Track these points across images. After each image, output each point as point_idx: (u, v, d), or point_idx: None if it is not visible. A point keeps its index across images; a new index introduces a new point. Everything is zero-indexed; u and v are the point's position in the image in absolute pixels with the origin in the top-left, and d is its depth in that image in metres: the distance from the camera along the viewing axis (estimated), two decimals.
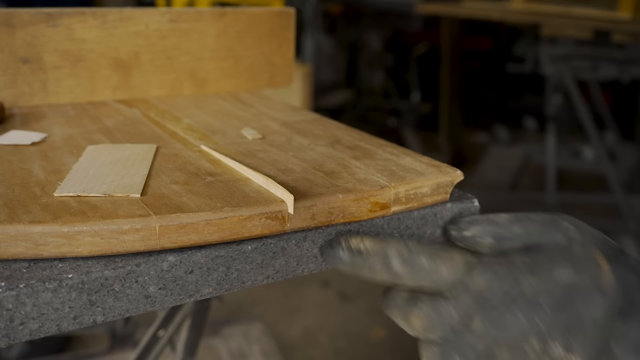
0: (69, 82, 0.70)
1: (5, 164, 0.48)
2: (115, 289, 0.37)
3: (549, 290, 0.36)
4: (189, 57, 0.76)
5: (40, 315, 0.35)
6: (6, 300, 0.34)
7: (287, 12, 0.82)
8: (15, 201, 0.40)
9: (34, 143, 0.54)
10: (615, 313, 0.36)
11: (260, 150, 0.54)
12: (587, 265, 0.37)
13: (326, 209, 0.43)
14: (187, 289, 0.39)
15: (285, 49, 0.83)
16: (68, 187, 0.42)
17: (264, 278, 0.42)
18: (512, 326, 0.35)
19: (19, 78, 0.67)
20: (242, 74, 0.81)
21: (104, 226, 0.37)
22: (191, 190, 0.43)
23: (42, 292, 0.35)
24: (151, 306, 0.38)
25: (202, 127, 0.62)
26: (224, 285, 0.40)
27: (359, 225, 0.45)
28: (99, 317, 0.37)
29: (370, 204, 0.44)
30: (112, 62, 0.72)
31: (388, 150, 0.54)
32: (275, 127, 0.62)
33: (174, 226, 0.38)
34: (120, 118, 0.64)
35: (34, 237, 0.36)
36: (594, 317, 0.36)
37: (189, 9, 0.76)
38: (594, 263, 0.38)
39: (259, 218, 0.40)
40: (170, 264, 0.38)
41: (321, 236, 0.43)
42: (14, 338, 0.34)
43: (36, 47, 0.67)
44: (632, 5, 2.18)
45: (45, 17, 0.67)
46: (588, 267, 0.37)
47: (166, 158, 0.51)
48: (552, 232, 0.40)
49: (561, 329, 0.35)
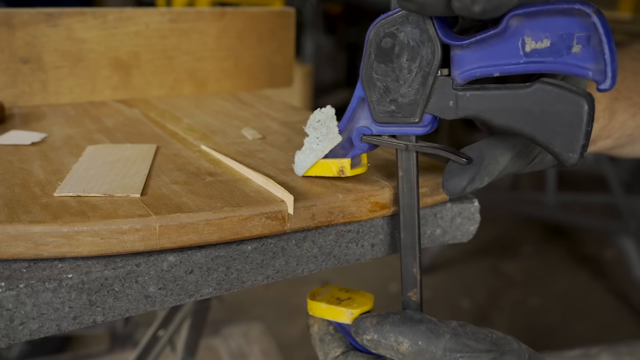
0: (69, 82, 0.70)
1: (5, 164, 0.48)
2: (115, 289, 0.37)
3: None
4: (189, 57, 0.76)
5: (40, 315, 0.35)
6: (6, 300, 0.34)
7: (287, 12, 0.82)
8: (15, 201, 0.40)
9: (34, 143, 0.54)
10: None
11: (260, 150, 0.54)
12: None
13: (326, 209, 0.43)
14: (187, 289, 0.39)
15: (285, 49, 0.83)
16: (68, 187, 0.42)
17: (263, 278, 0.42)
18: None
19: (19, 78, 0.67)
20: (242, 74, 0.81)
21: (104, 226, 0.37)
22: (191, 190, 0.43)
23: (42, 292, 0.35)
24: (151, 306, 0.38)
25: (202, 127, 0.62)
26: (223, 285, 0.40)
27: (359, 225, 0.45)
28: (99, 317, 0.37)
29: (370, 204, 0.44)
30: (112, 62, 0.72)
31: (388, 150, 0.54)
32: (275, 127, 0.62)
33: (174, 226, 0.38)
34: (120, 118, 0.64)
35: (34, 237, 0.36)
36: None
37: (189, 9, 0.76)
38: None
39: (259, 218, 0.40)
40: (170, 264, 0.38)
41: (321, 236, 0.43)
42: (14, 338, 0.34)
43: (36, 47, 0.67)
44: (632, 5, 2.18)
45: (45, 17, 0.67)
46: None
47: (166, 158, 0.51)
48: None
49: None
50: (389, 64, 0.39)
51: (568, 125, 0.34)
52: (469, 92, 0.37)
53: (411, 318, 0.40)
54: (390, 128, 0.41)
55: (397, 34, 0.38)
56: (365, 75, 0.41)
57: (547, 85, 0.34)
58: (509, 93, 0.36)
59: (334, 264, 0.45)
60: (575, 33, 0.32)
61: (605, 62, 0.32)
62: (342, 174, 0.44)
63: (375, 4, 3.14)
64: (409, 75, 0.39)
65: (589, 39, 0.32)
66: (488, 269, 2.04)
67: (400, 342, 0.39)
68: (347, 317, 0.44)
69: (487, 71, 0.36)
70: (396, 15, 0.38)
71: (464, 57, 0.37)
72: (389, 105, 0.40)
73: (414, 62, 0.38)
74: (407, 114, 0.40)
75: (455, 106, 0.38)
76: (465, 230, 0.50)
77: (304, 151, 0.45)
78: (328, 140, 0.44)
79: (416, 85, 0.39)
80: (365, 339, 0.41)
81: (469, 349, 0.38)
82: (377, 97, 0.41)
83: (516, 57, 0.35)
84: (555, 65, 0.34)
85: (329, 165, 0.45)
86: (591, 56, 0.32)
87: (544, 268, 2.12)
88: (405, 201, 0.42)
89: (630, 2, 2.19)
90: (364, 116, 0.42)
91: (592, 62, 0.32)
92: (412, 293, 0.43)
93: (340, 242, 0.44)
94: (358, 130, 0.43)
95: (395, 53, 0.39)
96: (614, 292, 1.97)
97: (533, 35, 0.34)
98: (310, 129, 0.45)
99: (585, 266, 2.14)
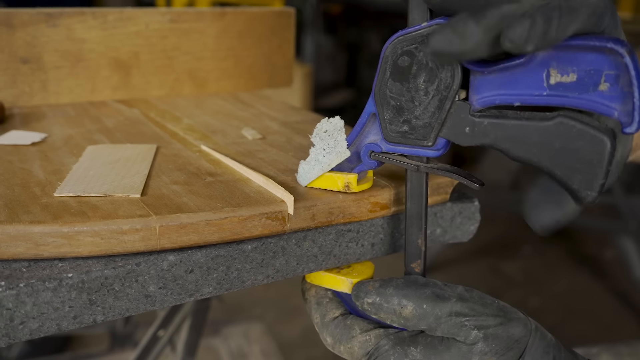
0: (69, 82, 0.70)
1: (5, 164, 0.48)
2: (115, 288, 0.37)
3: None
4: (189, 57, 0.76)
5: (40, 315, 0.35)
6: (6, 300, 0.34)
7: (287, 12, 0.82)
8: (15, 201, 0.40)
9: (34, 143, 0.54)
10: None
11: (260, 150, 0.54)
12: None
13: (326, 209, 0.43)
14: (187, 289, 0.39)
15: (285, 49, 0.83)
16: (68, 187, 0.42)
17: (264, 277, 0.42)
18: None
19: (19, 78, 0.67)
20: (242, 74, 0.81)
21: (104, 226, 0.37)
22: (191, 191, 0.43)
23: (42, 292, 0.35)
24: (151, 305, 0.38)
25: (202, 127, 0.62)
26: (224, 285, 0.40)
27: (359, 225, 0.45)
28: (99, 316, 0.37)
29: (371, 204, 0.44)
30: (112, 62, 0.72)
31: None
32: (275, 127, 0.62)
33: (174, 226, 0.38)
34: (120, 118, 0.64)
35: (34, 238, 0.36)
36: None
37: (189, 9, 0.76)
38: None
39: (259, 218, 0.40)
40: (170, 264, 0.38)
41: (321, 235, 0.43)
42: (14, 337, 0.34)
43: (36, 47, 0.67)
44: (632, 5, 2.18)
45: (45, 17, 0.67)
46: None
47: (166, 158, 0.51)
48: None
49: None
50: (405, 84, 0.38)
51: (588, 163, 0.33)
52: (486, 119, 0.36)
53: (415, 282, 0.39)
54: (401, 147, 0.40)
55: (416, 53, 0.37)
56: (379, 92, 0.39)
57: (569, 120, 0.33)
58: (529, 125, 0.34)
59: (334, 264, 0.45)
60: (605, 71, 0.31)
61: (634, 105, 0.31)
62: (348, 190, 0.43)
63: (375, 4, 3.13)
64: (425, 97, 0.37)
65: (618, 78, 0.31)
66: (488, 269, 2.04)
67: (404, 305, 0.38)
68: (347, 286, 0.43)
69: (507, 99, 0.35)
70: (416, 34, 0.36)
71: (484, 83, 0.35)
72: (402, 126, 0.39)
73: (432, 84, 0.37)
74: (420, 136, 0.38)
75: (471, 133, 0.36)
76: (465, 229, 0.50)
77: (309, 162, 0.44)
78: (335, 154, 0.42)
79: (432, 108, 0.37)
80: (367, 303, 0.40)
81: (476, 313, 0.37)
82: (390, 116, 0.39)
83: (539, 89, 0.33)
84: (580, 101, 0.32)
85: (335, 180, 0.43)
86: (619, 96, 0.31)
87: (544, 268, 2.12)
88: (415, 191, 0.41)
89: (630, 2, 2.19)
90: (374, 132, 0.41)
91: (619, 103, 0.31)
92: (416, 264, 0.42)
93: (340, 242, 0.44)
94: (367, 147, 0.41)
95: (412, 73, 0.37)
96: (614, 292, 1.97)
97: (560, 68, 0.32)
98: (317, 138, 0.43)
99: (585, 266, 2.14)
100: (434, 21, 0.36)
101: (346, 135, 0.42)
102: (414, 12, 0.36)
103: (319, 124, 0.43)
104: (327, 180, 0.44)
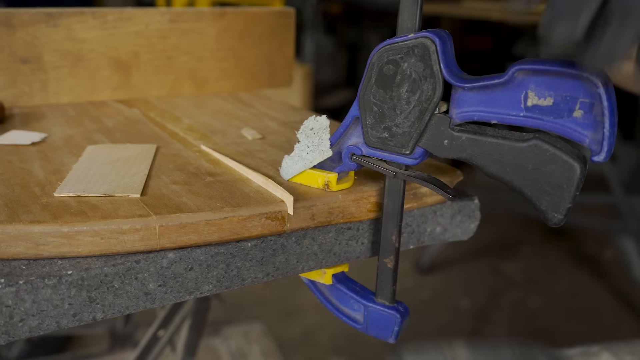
0: (69, 82, 0.70)
1: (5, 164, 0.48)
2: (115, 285, 0.37)
3: None
4: (189, 57, 0.76)
5: (40, 312, 0.35)
6: (6, 297, 0.34)
7: (287, 12, 0.82)
8: (15, 201, 0.40)
9: (34, 143, 0.54)
10: None
11: (260, 150, 0.54)
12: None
13: (326, 209, 0.43)
14: (187, 286, 0.39)
15: (285, 49, 0.84)
16: (68, 187, 0.42)
17: (264, 275, 0.42)
18: None
19: (19, 78, 0.67)
20: (242, 74, 0.81)
21: (104, 226, 0.37)
22: (191, 191, 0.43)
23: (42, 289, 0.35)
24: (151, 303, 0.38)
25: (202, 127, 0.62)
26: (223, 283, 0.40)
27: (359, 223, 0.45)
28: (98, 314, 0.37)
29: (370, 204, 0.44)
30: (112, 62, 0.72)
31: None
32: (275, 127, 0.62)
33: (174, 226, 0.38)
34: (120, 118, 0.64)
35: (34, 237, 0.36)
36: None
37: (189, 9, 0.76)
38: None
39: (258, 218, 0.40)
40: (169, 261, 0.38)
41: (321, 233, 0.43)
42: (13, 335, 0.35)
43: (36, 47, 0.67)
44: None
45: (45, 17, 0.67)
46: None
47: (166, 158, 0.51)
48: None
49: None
50: (388, 92, 0.39)
51: (558, 187, 0.34)
52: (465, 134, 0.37)
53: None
54: (380, 153, 0.41)
55: (401, 63, 0.38)
56: (363, 98, 0.40)
57: (543, 144, 0.34)
58: (505, 144, 0.36)
59: (334, 262, 0.45)
60: (580, 98, 0.32)
61: (603, 135, 0.32)
62: (327, 188, 0.44)
63: (375, 4, 3.14)
64: (407, 106, 0.38)
65: (592, 106, 0.32)
66: (488, 269, 2.04)
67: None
68: (320, 276, 0.45)
69: (485, 117, 0.36)
70: (402, 44, 0.37)
71: (465, 98, 0.36)
72: (383, 132, 0.40)
73: (414, 94, 0.38)
74: (399, 144, 0.40)
75: (449, 146, 0.38)
76: (465, 227, 0.50)
77: (293, 157, 0.45)
78: (318, 152, 0.44)
79: (412, 118, 0.38)
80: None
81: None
82: (372, 121, 0.40)
83: (516, 109, 0.34)
84: (554, 126, 0.34)
85: (315, 177, 0.44)
86: (591, 124, 0.32)
87: (544, 268, 2.12)
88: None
89: None
90: (357, 135, 0.42)
91: (591, 130, 0.32)
92: (389, 260, 0.43)
93: (340, 240, 0.44)
94: (348, 149, 0.42)
95: (396, 82, 0.38)
96: (614, 292, 1.97)
97: (537, 90, 0.34)
98: (302, 135, 0.44)
99: (585, 266, 2.14)
100: (421, 34, 0.37)
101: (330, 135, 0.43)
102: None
103: (306, 121, 0.44)
104: (308, 177, 0.45)
